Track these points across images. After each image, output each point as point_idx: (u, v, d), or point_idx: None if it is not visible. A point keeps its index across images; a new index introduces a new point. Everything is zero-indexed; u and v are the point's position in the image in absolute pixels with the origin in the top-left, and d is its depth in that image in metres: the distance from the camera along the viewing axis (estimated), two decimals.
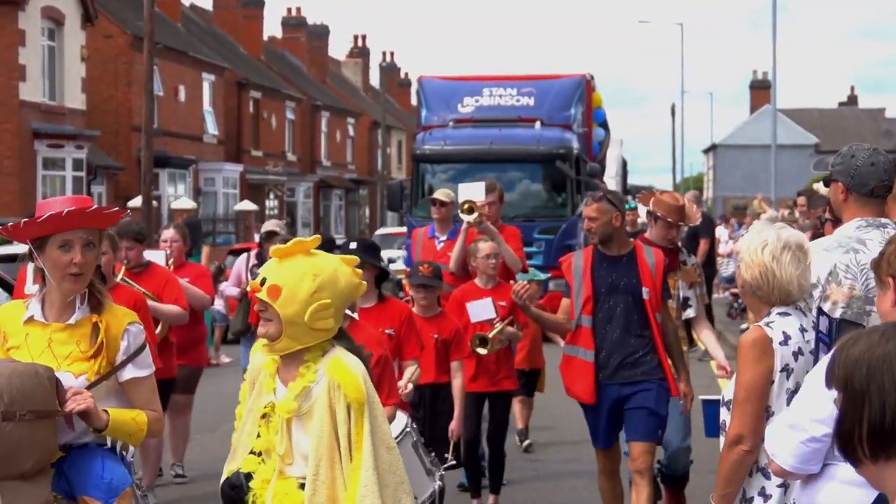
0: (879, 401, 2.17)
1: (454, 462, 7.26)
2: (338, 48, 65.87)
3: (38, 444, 3.98)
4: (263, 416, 4.31)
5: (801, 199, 13.50)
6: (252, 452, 4.32)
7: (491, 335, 7.84)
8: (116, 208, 4.45)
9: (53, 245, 4.12)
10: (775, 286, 4.24)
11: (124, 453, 4.49)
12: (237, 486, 4.27)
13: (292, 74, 54.97)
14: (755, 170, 53.85)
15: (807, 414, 3.60)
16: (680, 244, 8.05)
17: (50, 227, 4.13)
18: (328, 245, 8.85)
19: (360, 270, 4.48)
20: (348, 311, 5.59)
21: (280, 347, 4.18)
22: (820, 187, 10.63)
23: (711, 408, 5.89)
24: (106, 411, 4.14)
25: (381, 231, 39.51)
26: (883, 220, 4.84)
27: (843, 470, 3.32)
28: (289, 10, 59.84)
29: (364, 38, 69.97)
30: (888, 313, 3.61)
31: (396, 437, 5.47)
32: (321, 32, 61.37)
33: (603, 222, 6.83)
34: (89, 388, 4.14)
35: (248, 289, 4.31)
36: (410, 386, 6.52)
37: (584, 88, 21.75)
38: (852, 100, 76.06)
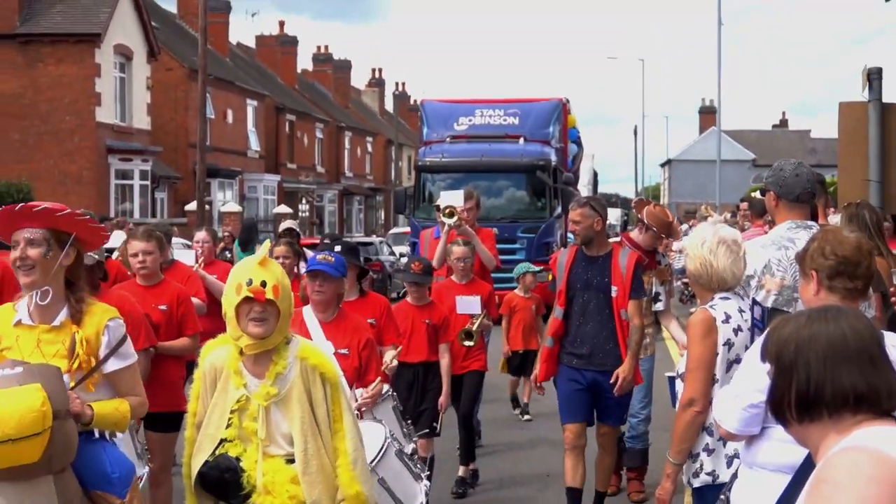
0: (805, 373, 2.21)
1: (436, 426, 7.09)
2: (358, 79, 65.70)
3: (74, 438, 3.75)
4: (233, 410, 3.92)
5: (744, 205, 13.46)
6: (224, 441, 3.93)
7: (475, 328, 7.57)
8: (47, 205, 3.90)
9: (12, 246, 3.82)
10: (713, 275, 4.27)
11: (114, 439, 4.12)
12: (231, 469, 3.88)
13: (321, 101, 55.01)
14: (703, 181, 53.72)
15: (746, 385, 3.58)
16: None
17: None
18: (333, 241, 8.54)
19: None
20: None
21: (272, 341, 3.87)
22: (757, 195, 10.63)
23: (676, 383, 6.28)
24: (90, 406, 3.83)
25: (394, 230, 39.50)
26: (809, 222, 4.82)
27: (779, 430, 3.29)
28: (318, 47, 60.05)
29: (380, 70, 69.97)
30: (810, 300, 3.62)
31: (376, 455, 4.88)
32: (345, 66, 61.34)
33: (585, 226, 6.34)
34: (72, 389, 3.83)
35: (249, 295, 3.82)
36: (395, 363, 6.14)
37: (561, 110, 21.60)
38: (783, 122, 75.81)
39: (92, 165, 31.65)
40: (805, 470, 2.68)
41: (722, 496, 3.90)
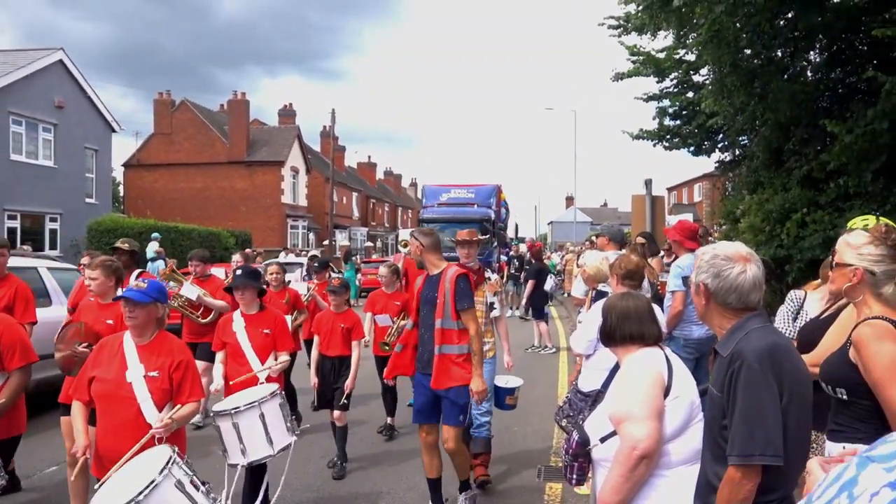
0: (609, 323, 2.19)
1: (346, 402, 4.58)
2: (405, 182, 65.50)
3: None
4: None
5: (587, 243, 13.41)
6: None
7: (389, 339, 5.18)
8: None
9: None
10: (601, 276, 4.13)
11: None
12: None
13: (388, 194, 54.68)
14: (566, 232, 51.82)
15: (587, 328, 3.50)
16: (478, 266, 4.45)
17: None
18: (325, 264, 6.68)
19: None
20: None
21: None
22: (593, 239, 10.72)
23: (500, 391, 4.33)
24: None
25: None
26: (623, 251, 4.74)
27: (602, 350, 3.28)
28: (387, 167, 59.73)
29: (416, 178, 69.47)
30: (615, 288, 3.55)
31: (162, 470, 2.36)
32: (399, 176, 61.04)
33: (414, 247, 3.76)
34: None
35: None
36: (279, 366, 3.70)
37: (497, 190, 20.79)
38: (605, 203, 75.35)
39: (279, 223, 31.46)
40: (615, 368, 2.66)
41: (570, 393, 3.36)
